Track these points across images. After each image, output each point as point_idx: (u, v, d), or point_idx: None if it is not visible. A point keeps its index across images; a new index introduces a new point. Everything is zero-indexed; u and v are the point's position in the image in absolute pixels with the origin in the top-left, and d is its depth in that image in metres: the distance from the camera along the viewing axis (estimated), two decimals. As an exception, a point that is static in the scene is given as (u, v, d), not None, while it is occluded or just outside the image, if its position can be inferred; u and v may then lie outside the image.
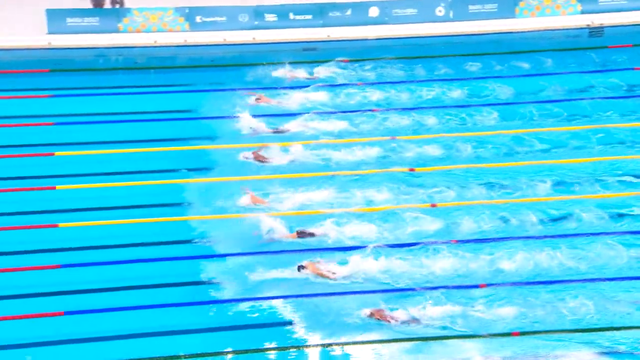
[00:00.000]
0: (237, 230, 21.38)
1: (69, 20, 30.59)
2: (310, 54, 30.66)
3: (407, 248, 21.01)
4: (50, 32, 30.31)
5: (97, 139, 25.32)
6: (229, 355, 18.22)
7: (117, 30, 30.90)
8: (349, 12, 32.23)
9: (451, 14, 32.66)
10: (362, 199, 23.06)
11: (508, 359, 18.09)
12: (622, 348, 18.30)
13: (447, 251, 20.92)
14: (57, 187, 23.16)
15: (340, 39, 31.52)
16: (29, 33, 30.12)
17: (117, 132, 25.70)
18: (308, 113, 26.79)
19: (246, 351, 18.30)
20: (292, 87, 28.28)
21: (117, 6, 31.70)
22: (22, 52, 29.54)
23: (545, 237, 21.49)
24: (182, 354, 18.11)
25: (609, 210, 22.44)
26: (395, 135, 26.13)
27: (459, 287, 19.80)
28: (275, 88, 28.01)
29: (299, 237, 20.92)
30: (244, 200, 22.32)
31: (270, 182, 23.31)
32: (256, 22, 31.62)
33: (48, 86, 27.84)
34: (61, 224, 21.76)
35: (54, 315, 18.99)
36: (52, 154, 24.49)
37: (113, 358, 18.12)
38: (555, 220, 22.18)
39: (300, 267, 20.12)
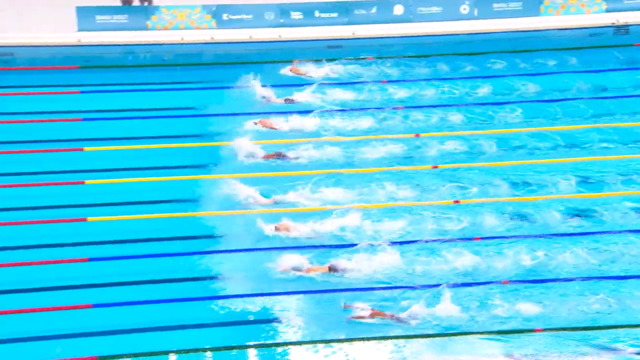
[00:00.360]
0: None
1: (98, 17, 30.78)
2: (335, 51, 30.71)
3: (428, 244, 21.04)
4: (80, 30, 30.51)
5: (126, 135, 25.50)
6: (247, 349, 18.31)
7: (145, 28, 31.06)
8: (374, 10, 32.21)
9: (476, 12, 32.55)
10: (384, 196, 23.09)
11: (530, 357, 18.05)
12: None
13: (469, 248, 20.95)
14: (86, 181, 23.35)
15: (365, 36, 31.52)
16: (59, 30, 30.35)
17: (145, 128, 25.85)
18: (330, 111, 26.91)
19: (262, 345, 18.39)
20: (318, 84, 28.36)
21: (146, 4, 31.86)
22: (53, 49, 29.74)
23: (569, 234, 21.42)
24: (208, 347, 18.23)
25: (633, 207, 22.31)
26: (420, 132, 26.13)
27: (479, 284, 19.82)
28: (299, 85, 28.08)
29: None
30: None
31: (292, 179, 23.39)
32: (282, 20, 31.70)
33: (77, 82, 28.05)
34: (90, 218, 21.94)
35: (82, 307, 19.16)
36: (82, 149, 24.69)
37: (141, 350, 18.26)
38: (578, 217, 22.08)
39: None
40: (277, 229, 21.24)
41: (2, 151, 24.53)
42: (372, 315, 18.85)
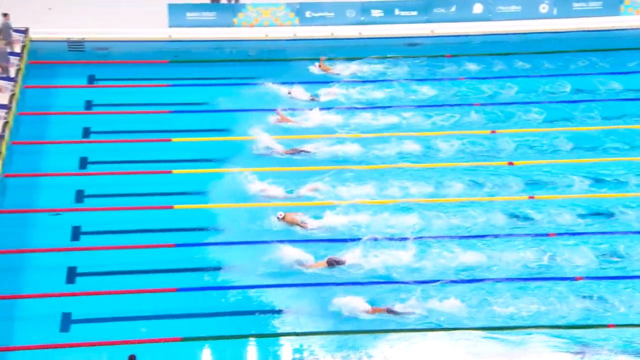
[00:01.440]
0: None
1: (188, 14, 31.26)
2: (413, 49, 30.59)
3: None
4: (171, 26, 31.03)
5: (212, 127, 25.87)
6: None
7: (232, 25, 31.44)
8: (453, 8, 31.94)
9: (555, 11, 31.99)
10: (460, 190, 22.99)
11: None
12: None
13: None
14: (174, 171, 23.79)
15: (443, 34, 31.31)
16: (151, 26, 30.92)
17: (230, 120, 26.17)
18: (409, 106, 26.86)
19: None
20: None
21: (233, 2, 32.23)
22: (144, 44, 30.31)
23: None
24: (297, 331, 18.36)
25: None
26: (496, 129, 25.87)
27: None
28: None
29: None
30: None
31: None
32: (362, 18, 31.70)
33: (167, 76, 28.53)
34: (176, 206, 22.36)
35: (168, 291, 19.55)
36: (169, 140, 25.14)
37: (222, 333, 18.56)
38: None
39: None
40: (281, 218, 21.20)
41: (97, 140, 25.16)
42: (372, 312, 18.68)
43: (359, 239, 20.68)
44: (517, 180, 23.46)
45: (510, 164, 24.20)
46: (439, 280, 19.54)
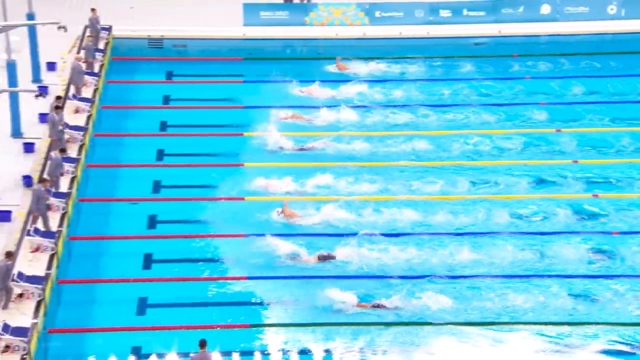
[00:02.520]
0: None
1: (262, 13, 31.49)
2: (480, 49, 30.32)
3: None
4: (245, 24, 31.32)
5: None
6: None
7: (303, 23, 31.58)
8: (521, 9, 31.53)
9: (623, 12, 31.32)
10: (525, 186, 22.74)
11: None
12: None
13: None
14: (245, 164, 24.03)
15: (511, 34, 30.94)
16: (227, 25, 31.26)
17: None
18: (476, 105, 26.66)
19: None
20: (462, 80, 28.11)
21: (305, 1, 32.38)
22: (219, 41, 30.66)
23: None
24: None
25: None
26: (560, 128, 25.50)
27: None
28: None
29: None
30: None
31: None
32: (431, 18, 31.52)
33: (240, 73, 28.80)
34: (247, 198, 22.58)
35: (239, 279, 19.75)
36: (242, 134, 25.39)
37: (290, 322, 18.74)
38: None
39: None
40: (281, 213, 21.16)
41: (173, 134, 25.57)
42: (359, 307, 18.50)
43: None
44: (581, 178, 23.09)
45: (575, 162, 23.83)
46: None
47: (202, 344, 16.24)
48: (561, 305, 18.71)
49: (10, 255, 18.05)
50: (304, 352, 17.77)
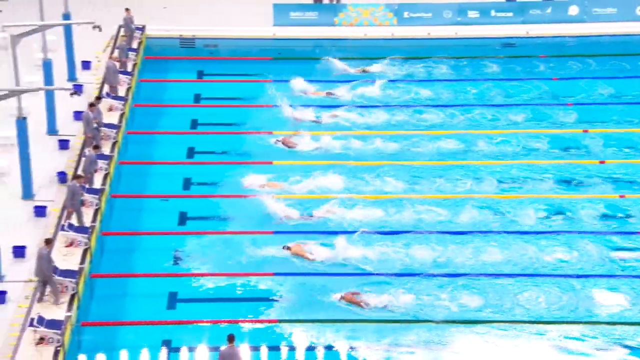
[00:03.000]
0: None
1: (292, 14, 31.59)
2: (508, 50, 30.19)
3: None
4: (275, 24, 31.44)
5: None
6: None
7: (332, 24, 31.63)
8: (549, 10, 31.35)
9: (651, 13, 31.10)
10: (550, 186, 22.61)
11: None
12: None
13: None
14: (273, 162, 24.00)
15: (538, 35, 30.76)
16: (257, 25, 31.38)
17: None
18: (503, 105, 26.54)
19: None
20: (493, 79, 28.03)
21: (334, 2, 32.44)
22: (250, 41, 30.80)
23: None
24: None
25: None
26: (589, 128, 25.33)
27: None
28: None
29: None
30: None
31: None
32: (459, 18, 31.43)
33: (270, 72, 28.88)
34: (275, 196, 22.46)
35: (265, 275, 19.87)
36: (270, 132, 25.40)
37: (319, 318, 18.83)
38: None
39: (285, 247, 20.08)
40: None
41: (204, 132, 25.73)
42: (345, 299, 18.47)
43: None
44: (607, 178, 22.92)
45: (602, 162, 23.65)
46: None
47: (231, 338, 16.35)
48: (587, 305, 18.58)
49: (49, 242, 18.27)
50: (329, 348, 17.83)
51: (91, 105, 23.22)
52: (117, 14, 29.67)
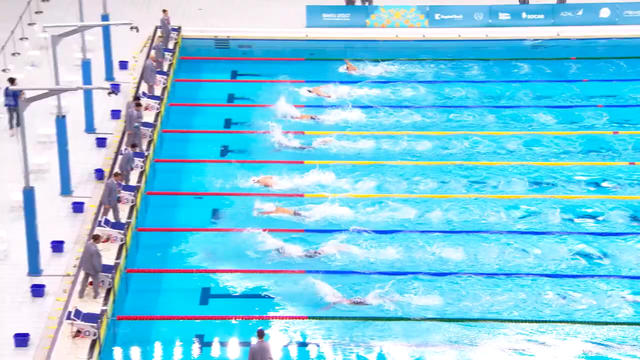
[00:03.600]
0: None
1: (324, 15, 31.62)
2: (538, 51, 29.97)
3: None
4: (308, 26, 31.48)
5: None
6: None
7: (364, 25, 31.62)
8: (580, 12, 31.07)
9: (683, 16, 30.70)
10: (580, 187, 22.41)
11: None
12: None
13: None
14: (305, 162, 24.10)
15: (569, 37, 30.50)
16: (290, 26, 31.45)
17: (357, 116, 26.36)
18: (531, 106, 26.37)
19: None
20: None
21: (367, 4, 32.41)
22: (284, 42, 30.91)
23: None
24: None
25: None
26: (618, 130, 25.09)
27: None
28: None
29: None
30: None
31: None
32: (490, 20, 31.26)
33: (302, 73, 28.93)
34: (306, 194, 22.58)
35: (296, 272, 19.90)
36: (302, 133, 25.40)
37: (346, 315, 18.86)
38: None
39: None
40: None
41: (237, 131, 25.84)
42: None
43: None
44: (637, 180, 22.69)
45: (632, 164, 23.43)
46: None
47: (260, 333, 16.45)
48: (616, 306, 18.42)
49: (97, 238, 18.49)
50: (358, 345, 17.86)
51: (138, 104, 23.46)
52: (155, 14, 29.92)
